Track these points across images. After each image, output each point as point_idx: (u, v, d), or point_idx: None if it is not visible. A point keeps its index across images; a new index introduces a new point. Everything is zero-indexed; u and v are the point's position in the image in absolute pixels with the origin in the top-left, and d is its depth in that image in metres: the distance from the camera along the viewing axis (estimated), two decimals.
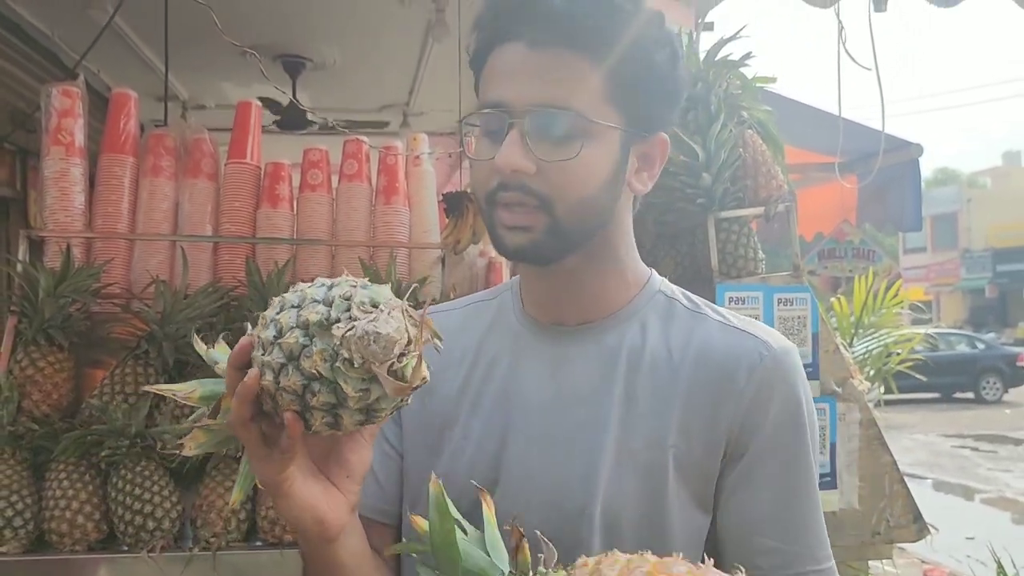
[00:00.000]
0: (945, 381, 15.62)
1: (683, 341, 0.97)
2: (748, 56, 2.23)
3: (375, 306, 0.74)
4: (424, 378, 0.74)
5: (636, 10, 0.91)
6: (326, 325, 0.73)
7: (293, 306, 0.76)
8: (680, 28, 2.64)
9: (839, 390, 2.15)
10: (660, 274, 1.08)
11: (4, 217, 4.34)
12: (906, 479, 2.22)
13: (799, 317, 2.15)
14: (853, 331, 3.99)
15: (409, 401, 0.79)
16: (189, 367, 2.14)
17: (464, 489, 0.88)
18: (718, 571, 0.72)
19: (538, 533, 0.79)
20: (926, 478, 9.14)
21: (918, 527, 2.16)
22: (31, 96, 4.04)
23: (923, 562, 5.87)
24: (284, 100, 4.11)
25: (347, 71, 4.57)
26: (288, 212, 2.46)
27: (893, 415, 10.62)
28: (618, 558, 0.74)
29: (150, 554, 1.88)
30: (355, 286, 0.76)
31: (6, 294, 2.34)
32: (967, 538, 6.16)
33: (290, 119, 4.33)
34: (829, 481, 2.13)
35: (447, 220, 3.20)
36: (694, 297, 1.04)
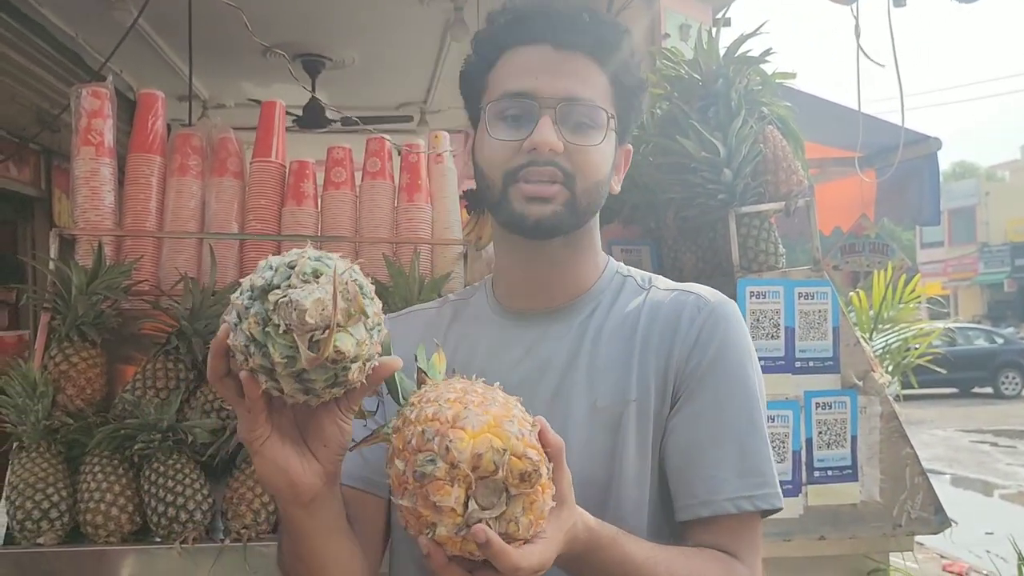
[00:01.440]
0: (964, 376, 15.49)
1: (637, 310, 1.10)
2: (768, 52, 2.24)
3: (317, 276, 0.76)
4: (337, 351, 0.75)
5: (629, 34, 1.08)
6: (266, 290, 0.76)
7: (257, 273, 0.79)
8: (700, 24, 2.66)
9: (860, 383, 2.16)
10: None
11: (29, 216, 4.41)
12: None
13: (820, 311, 2.16)
14: (872, 325, 3.98)
15: (365, 408, 0.85)
16: None
17: None
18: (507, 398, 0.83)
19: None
20: (944, 473, 9.10)
21: (939, 519, 2.17)
22: (55, 97, 4.11)
23: (942, 557, 5.86)
24: (306, 97, 4.15)
25: (366, 70, 4.61)
26: (313, 209, 2.49)
27: (911, 410, 10.55)
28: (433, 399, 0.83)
29: (183, 545, 1.92)
30: (310, 258, 0.78)
31: (31, 289, 2.38)
32: (986, 533, 6.14)
33: (310, 117, 4.36)
34: (850, 474, 2.15)
35: (468, 216, 3.22)
36: (646, 274, 1.17)
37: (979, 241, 33.40)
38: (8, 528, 1.93)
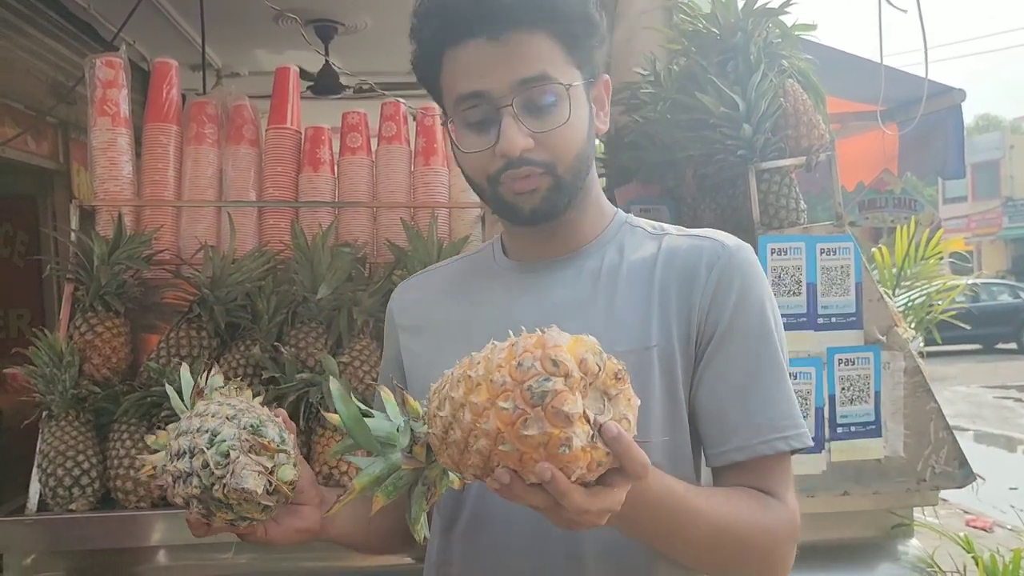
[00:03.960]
0: (987, 332, 15.34)
1: (652, 254, 1.10)
2: (787, 4, 2.19)
3: (227, 456, 0.97)
4: (289, 484, 1.00)
5: None
6: (209, 492, 0.97)
7: (177, 477, 0.99)
8: None
9: (883, 339, 2.14)
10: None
11: (49, 189, 4.44)
12: None
13: (842, 267, 2.13)
14: (895, 281, 3.94)
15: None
16: (240, 330, 2.20)
17: None
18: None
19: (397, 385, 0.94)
20: (968, 429, 9.06)
21: (964, 473, 2.16)
22: (69, 69, 4.11)
23: (966, 512, 5.86)
24: (319, 64, 4.11)
25: (378, 35, 4.56)
26: (329, 175, 2.49)
27: (934, 367, 10.43)
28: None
29: None
30: (206, 448, 0.98)
31: (54, 261, 2.40)
32: (1010, 489, 6.13)
33: (324, 84, 4.34)
34: (874, 429, 2.14)
35: None
36: (656, 223, 1.17)
37: (1003, 195, 32.82)
38: (41, 495, 1.98)
